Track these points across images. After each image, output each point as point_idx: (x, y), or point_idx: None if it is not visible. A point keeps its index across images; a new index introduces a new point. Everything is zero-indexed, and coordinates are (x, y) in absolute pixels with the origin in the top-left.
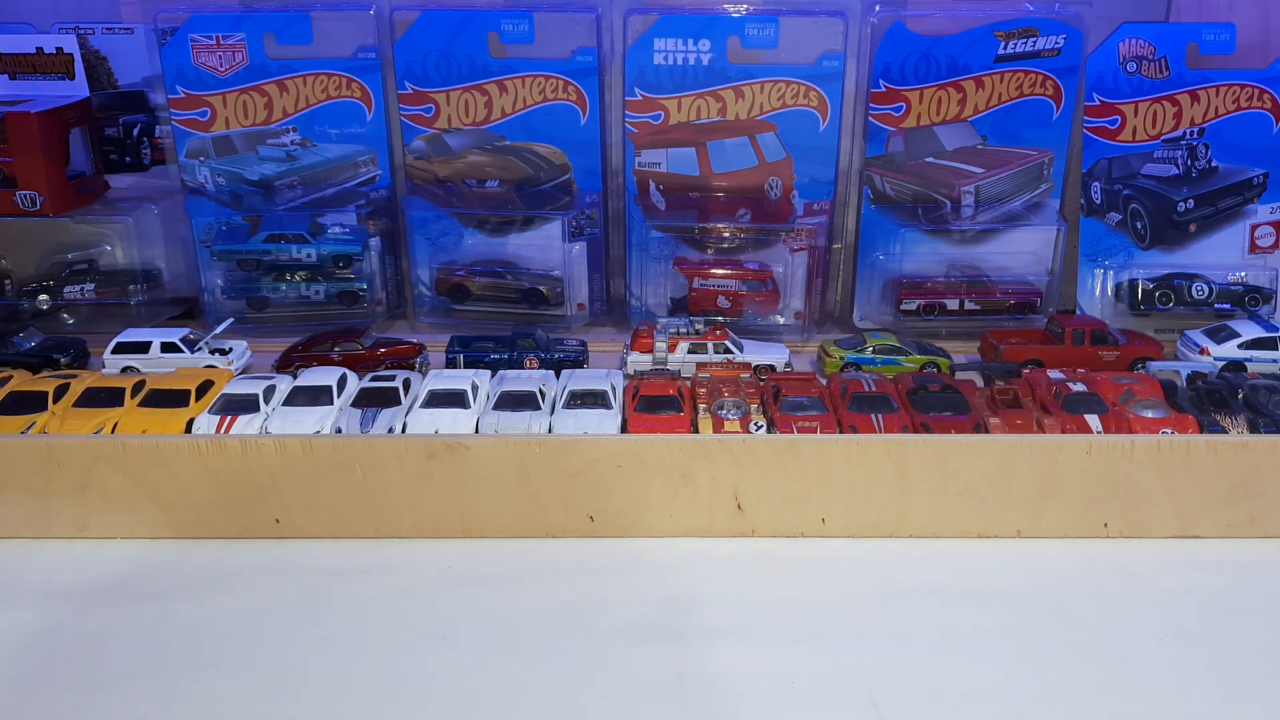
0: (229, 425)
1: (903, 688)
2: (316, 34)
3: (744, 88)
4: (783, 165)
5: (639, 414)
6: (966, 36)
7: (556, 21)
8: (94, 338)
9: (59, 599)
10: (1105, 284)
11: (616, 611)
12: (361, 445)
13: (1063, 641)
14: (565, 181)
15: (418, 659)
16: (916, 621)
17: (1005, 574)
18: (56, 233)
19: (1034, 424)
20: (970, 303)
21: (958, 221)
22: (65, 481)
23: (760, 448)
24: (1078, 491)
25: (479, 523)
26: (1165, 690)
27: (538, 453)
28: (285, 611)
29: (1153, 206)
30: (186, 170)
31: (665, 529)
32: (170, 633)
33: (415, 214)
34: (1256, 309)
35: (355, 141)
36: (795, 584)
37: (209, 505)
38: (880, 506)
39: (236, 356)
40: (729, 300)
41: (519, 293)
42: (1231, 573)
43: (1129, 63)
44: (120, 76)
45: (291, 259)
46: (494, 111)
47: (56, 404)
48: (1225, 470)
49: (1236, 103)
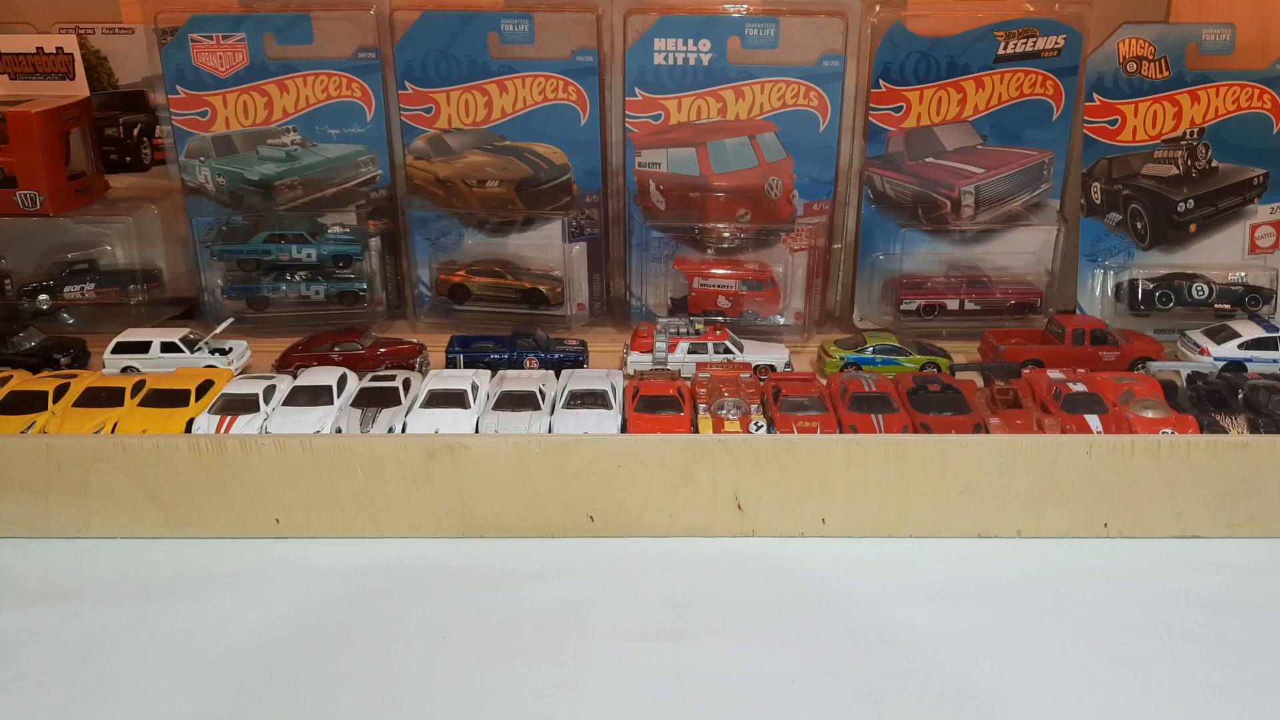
0: (229, 425)
1: (903, 688)
2: (316, 34)
3: (744, 88)
4: (783, 165)
5: (639, 414)
6: (966, 36)
7: (556, 21)
8: (94, 338)
9: (59, 599)
10: (1105, 284)
11: (616, 611)
12: (361, 445)
13: (1063, 641)
14: (565, 181)
15: (418, 659)
16: (916, 621)
17: (1005, 574)
18: (56, 233)
19: (1034, 424)
20: (970, 303)
21: (958, 221)
22: (65, 481)
23: (760, 448)
24: (1078, 491)
25: (479, 523)
26: (1165, 690)
27: (538, 453)
28: (285, 611)
29: (1153, 206)
30: (186, 170)
31: (665, 529)
32: (170, 633)
33: (415, 214)
34: (1256, 309)
35: (355, 141)
36: (795, 584)
37: (209, 505)
38: (880, 506)
39: (236, 356)
40: (729, 300)
41: (519, 293)
42: (1231, 573)
43: (1129, 63)
44: (120, 76)
45: (291, 259)
46: (494, 111)
47: (56, 404)
48: (1225, 470)
49: (1236, 103)
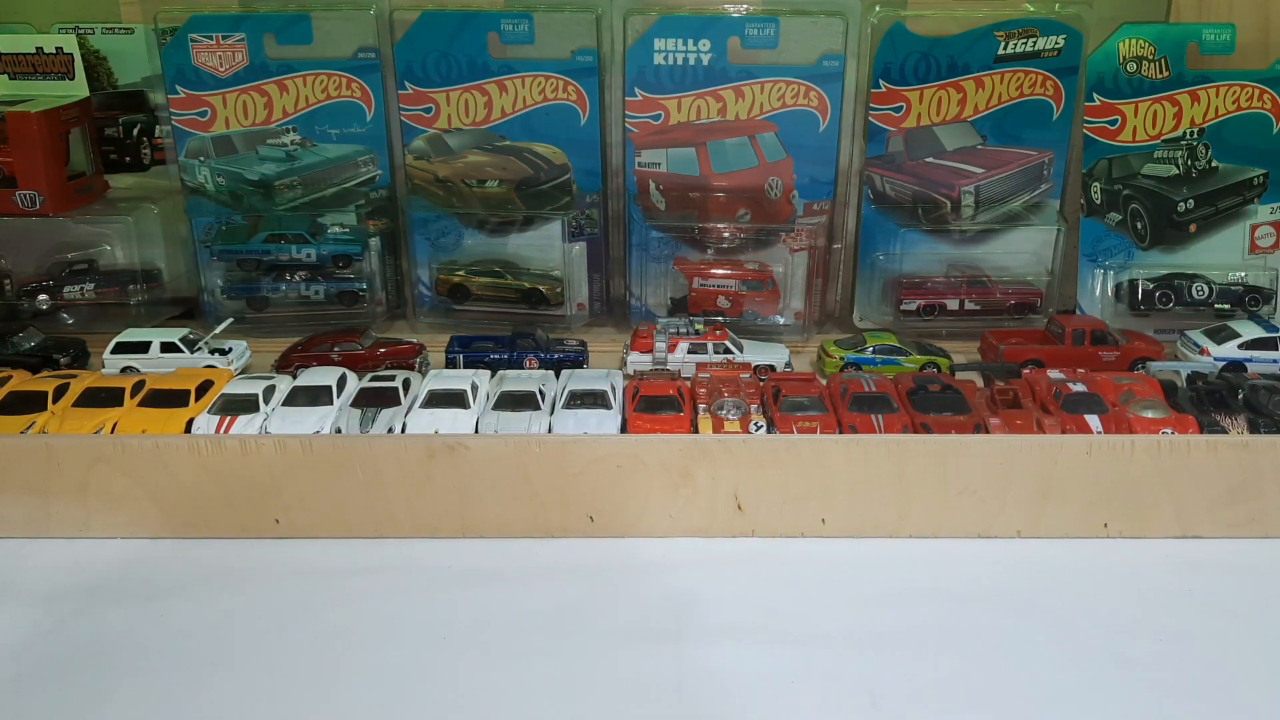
0: (229, 425)
1: (903, 688)
2: (316, 34)
3: (744, 88)
4: (783, 165)
5: (639, 414)
6: (966, 36)
7: (556, 21)
8: (94, 338)
9: (59, 599)
10: (1105, 284)
11: (616, 611)
12: (361, 445)
13: (1063, 641)
14: (565, 181)
15: (418, 659)
16: (916, 621)
17: (1005, 574)
18: (56, 233)
19: (1034, 424)
20: (970, 303)
21: (958, 221)
22: (65, 481)
23: (760, 448)
24: (1078, 491)
25: (479, 523)
26: (1165, 690)
27: (538, 453)
28: (285, 611)
29: (1153, 206)
30: (186, 170)
31: (665, 529)
32: (170, 633)
33: (415, 214)
34: (1256, 309)
35: (355, 141)
36: (795, 584)
37: (209, 505)
38: (880, 506)
39: (236, 356)
40: (729, 300)
41: (519, 293)
42: (1231, 573)
43: (1129, 63)
44: (120, 76)
45: (291, 259)
46: (494, 111)
47: (56, 404)
48: (1225, 470)
49: (1236, 103)
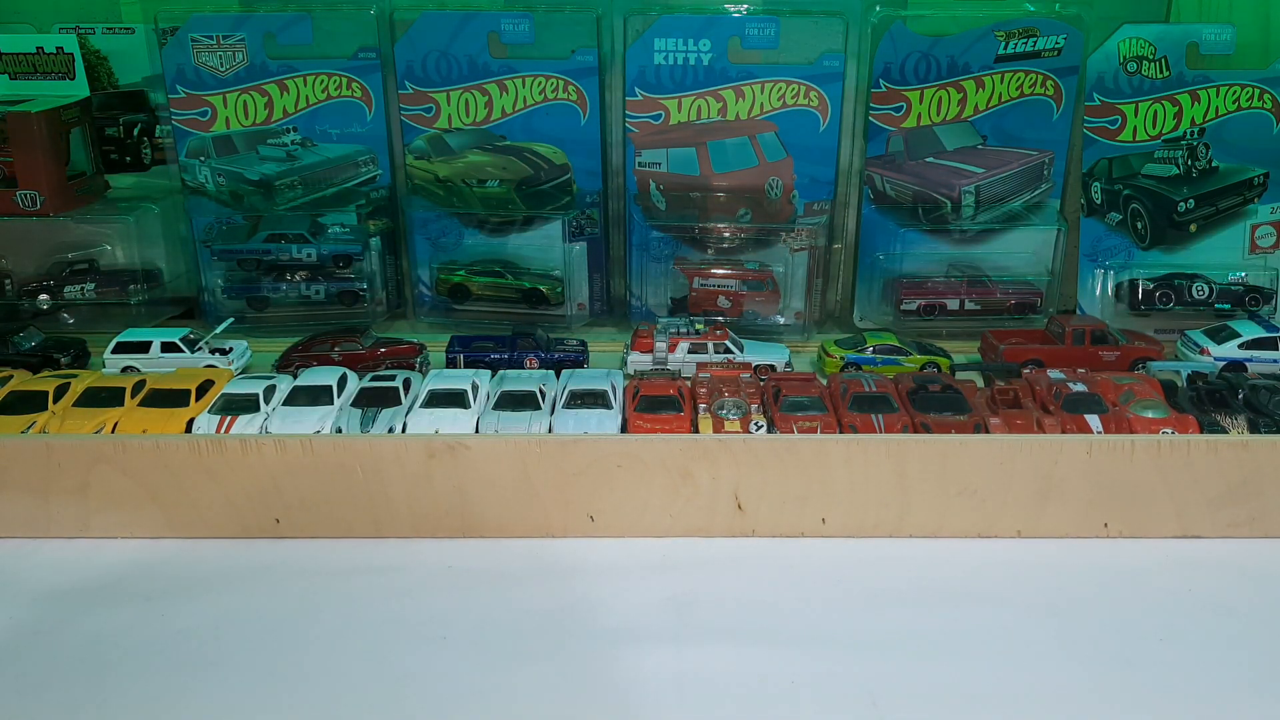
0: (229, 425)
1: (903, 688)
2: (316, 34)
3: (744, 88)
4: (783, 165)
5: (639, 414)
6: (967, 36)
7: (556, 21)
8: (94, 338)
9: (59, 599)
10: (1105, 284)
11: (616, 611)
12: (361, 445)
13: (1063, 641)
14: (565, 181)
15: (417, 659)
16: (916, 621)
17: (1005, 574)
18: (56, 233)
19: (1034, 424)
20: (970, 303)
21: (958, 221)
22: (65, 481)
23: (760, 448)
24: (1078, 491)
25: (479, 523)
26: (1166, 690)
27: (538, 453)
28: (285, 611)
29: (1153, 206)
30: (186, 170)
31: (665, 529)
32: (170, 633)
33: (416, 214)
34: (1256, 309)
35: (355, 141)
36: (795, 584)
37: (209, 505)
38: (880, 506)
39: (236, 356)
40: (729, 300)
41: (519, 293)
42: (1231, 573)
43: (1129, 63)
44: (120, 76)
45: (291, 259)
46: (494, 111)
47: (56, 404)
48: (1225, 470)
49: (1236, 103)
